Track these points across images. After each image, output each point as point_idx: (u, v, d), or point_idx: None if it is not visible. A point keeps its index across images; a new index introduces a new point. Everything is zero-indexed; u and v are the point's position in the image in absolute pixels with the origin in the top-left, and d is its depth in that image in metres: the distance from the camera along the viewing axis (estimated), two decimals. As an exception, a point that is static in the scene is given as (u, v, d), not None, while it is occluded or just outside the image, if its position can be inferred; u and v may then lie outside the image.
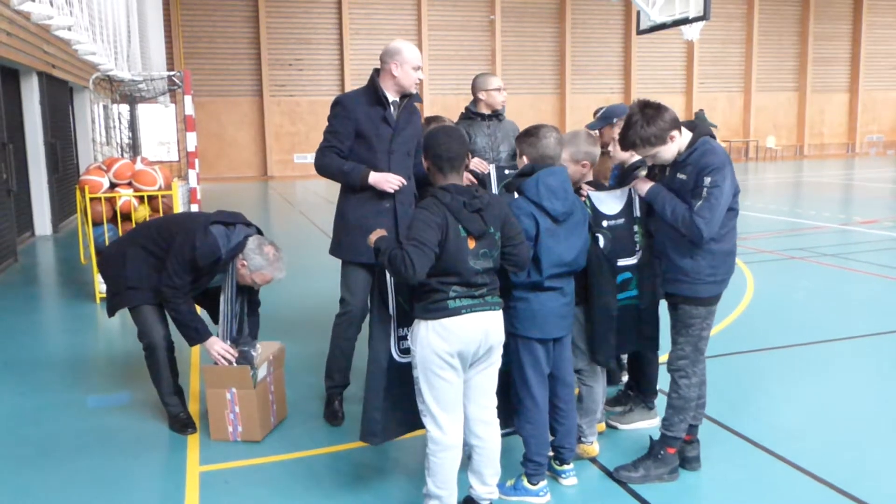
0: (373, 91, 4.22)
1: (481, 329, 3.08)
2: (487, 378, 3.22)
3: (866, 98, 31.06)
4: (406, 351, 3.43)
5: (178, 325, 4.15)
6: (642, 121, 3.36)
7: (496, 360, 3.22)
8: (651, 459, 3.63)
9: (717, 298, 3.54)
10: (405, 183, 4.17)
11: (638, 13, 16.40)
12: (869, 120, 31.47)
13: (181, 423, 4.33)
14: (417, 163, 4.42)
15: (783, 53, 29.87)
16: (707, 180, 3.30)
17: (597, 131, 4.50)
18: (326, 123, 4.27)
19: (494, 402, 3.28)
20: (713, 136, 3.50)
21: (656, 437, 3.69)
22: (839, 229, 11.47)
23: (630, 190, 3.72)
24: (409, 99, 4.30)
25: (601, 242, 3.60)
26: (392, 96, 4.24)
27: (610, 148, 4.16)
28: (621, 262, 3.69)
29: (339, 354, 4.45)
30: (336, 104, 4.27)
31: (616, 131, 4.07)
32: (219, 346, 4.13)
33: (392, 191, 4.13)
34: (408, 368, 3.30)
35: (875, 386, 4.91)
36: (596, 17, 27.25)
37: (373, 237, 3.16)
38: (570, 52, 27.03)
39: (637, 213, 3.73)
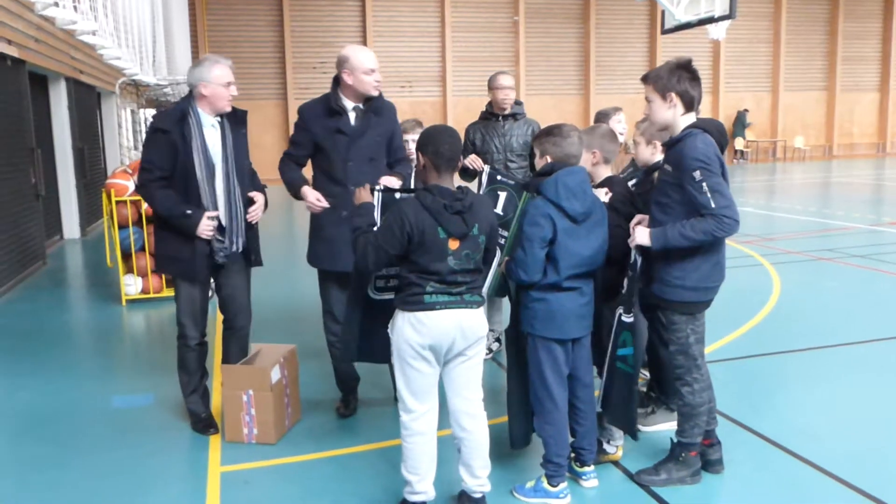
0: (327, 101, 4.22)
1: (455, 325, 3.13)
2: (468, 370, 3.26)
3: (897, 97, 30.54)
4: (381, 289, 3.60)
5: (167, 219, 4.05)
6: (668, 66, 3.37)
7: (476, 354, 3.26)
8: (672, 462, 3.59)
9: (696, 307, 3.44)
10: (326, 206, 4.15)
11: (663, 12, 16.27)
12: (900, 119, 30.95)
13: (203, 424, 4.35)
14: (396, 161, 4.39)
15: (812, 52, 29.45)
16: (697, 174, 3.19)
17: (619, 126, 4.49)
18: None
19: (479, 394, 3.32)
20: (723, 134, 3.41)
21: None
22: (868, 230, 11.28)
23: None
24: (373, 102, 4.24)
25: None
26: (352, 102, 4.22)
27: (631, 149, 4.13)
28: None
29: (336, 352, 4.50)
30: (298, 113, 4.34)
31: (637, 131, 4.04)
32: (207, 222, 4.01)
33: (315, 212, 4.21)
34: (382, 305, 3.53)
35: (904, 388, 4.82)
36: (620, 16, 27.07)
37: (358, 198, 3.36)
38: (595, 53, 26.88)
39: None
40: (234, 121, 4.20)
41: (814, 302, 7.07)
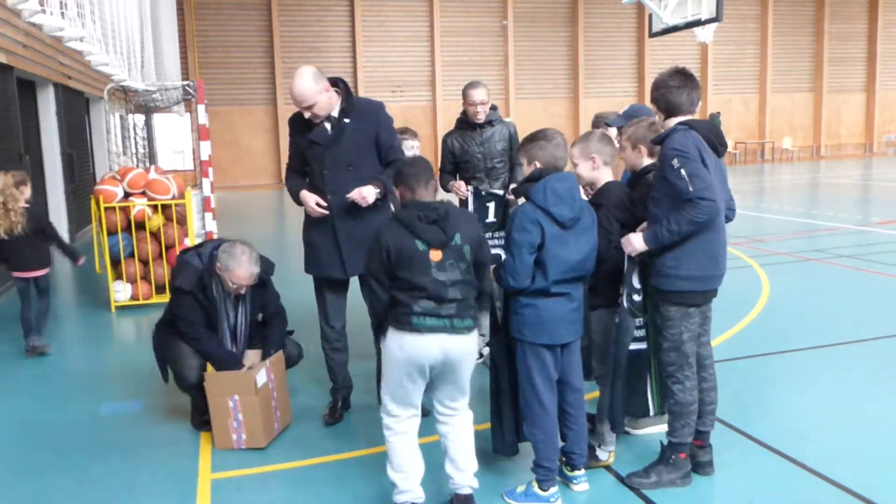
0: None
1: (440, 349, 3.15)
2: (455, 379, 3.28)
3: (884, 97, 30.75)
4: None
5: (209, 360, 4.28)
6: (671, 74, 3.53)
7: (465, 369, 3.27)
8: (663, 465, 3.60)
9: (691, 297, 3.46)
10: (322, 211, 4.16)
11: (650, 16, 16.35)
12: (887, 119, 31.15)
13: (201, 418, 4.41)
14: (391, 162, 4.33)
15: (798, 54, 29.64)
16: (675, 162, 3.29)
17: (614, 130, 4.48)
18: None
19: (465, 396, 3.35)
20: (718, 135, 3.47)
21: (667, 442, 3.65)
22: (857, 230, 11.35)
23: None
24: (346, 108, 4.21)
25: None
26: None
27: (620, 153, 4.13)
28: None
29: (328, 360, 4.55)
30: (288, 124, 4.43)
31: (622, 136, 4.04)
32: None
33: (314, 216, 4.23)
34: None
35: (892, 388, 4.85)
36: (608, 20, 27.18)
37: None
38: (583, 56, 26.96)
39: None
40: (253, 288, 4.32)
41: (803, 303, 7.11)
